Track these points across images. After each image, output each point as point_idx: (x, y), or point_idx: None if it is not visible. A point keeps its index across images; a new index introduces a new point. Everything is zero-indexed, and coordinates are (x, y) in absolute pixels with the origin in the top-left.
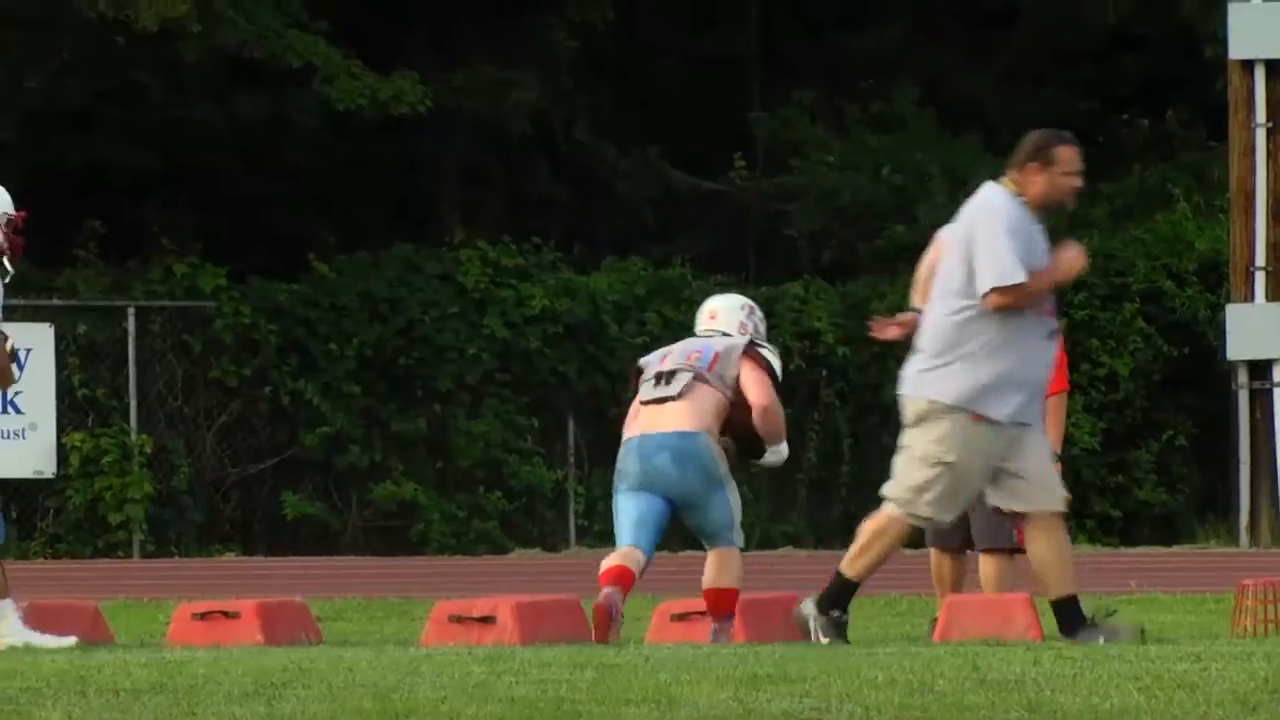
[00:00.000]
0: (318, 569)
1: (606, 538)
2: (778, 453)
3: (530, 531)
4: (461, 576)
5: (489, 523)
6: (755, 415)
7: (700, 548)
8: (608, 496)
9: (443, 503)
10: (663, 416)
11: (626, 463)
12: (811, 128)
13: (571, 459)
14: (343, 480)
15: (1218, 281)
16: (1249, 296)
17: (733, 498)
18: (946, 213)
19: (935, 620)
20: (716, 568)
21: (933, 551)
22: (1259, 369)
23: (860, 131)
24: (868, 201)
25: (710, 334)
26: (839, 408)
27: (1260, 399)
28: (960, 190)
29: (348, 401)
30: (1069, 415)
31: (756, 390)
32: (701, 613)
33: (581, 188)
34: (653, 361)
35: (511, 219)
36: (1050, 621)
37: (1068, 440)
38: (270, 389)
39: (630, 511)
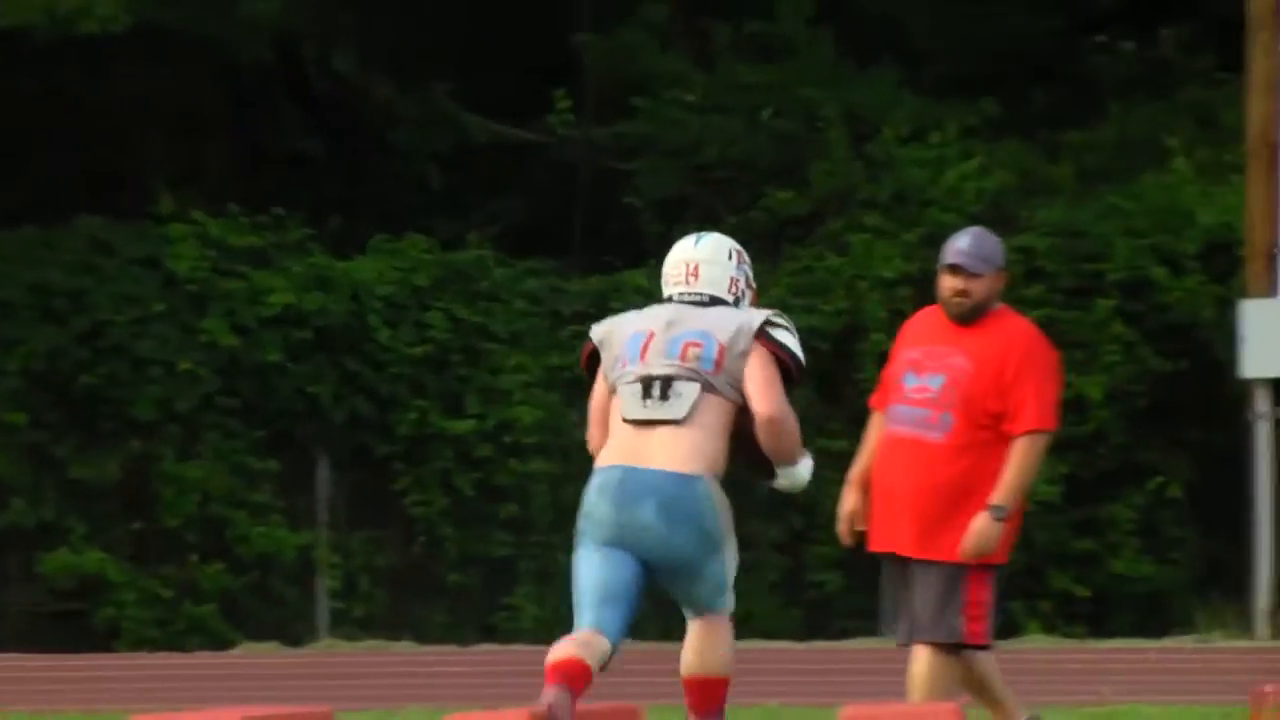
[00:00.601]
0: None
1: (372, 625)
2: (792, 475)
3: (264, 618)
4: (167, 680)
5: (205, 606)
6: (759, 428)
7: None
8: (372, 569)
9: (141, 577)
10: (654, 446)
11: (597, 505)
12: (663, 57)
13: (324, 516)
14: None
15: (1228, 269)
16: (1272, 290)
17: (730, 555)
18: (847, 171)
19: None
20: (703, 646)
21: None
22: None
23: (731, 62)
24: (741, 157)
25: (696, 300)
26: None
27: None
28: (868, 141)
29: (6, 436)
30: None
31: (763, 396)
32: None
33: (342, 139)
34: (626, 346)
35: (242, 182)
36: None
37: None
38: None
39: (594, 578)
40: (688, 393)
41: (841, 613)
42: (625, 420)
